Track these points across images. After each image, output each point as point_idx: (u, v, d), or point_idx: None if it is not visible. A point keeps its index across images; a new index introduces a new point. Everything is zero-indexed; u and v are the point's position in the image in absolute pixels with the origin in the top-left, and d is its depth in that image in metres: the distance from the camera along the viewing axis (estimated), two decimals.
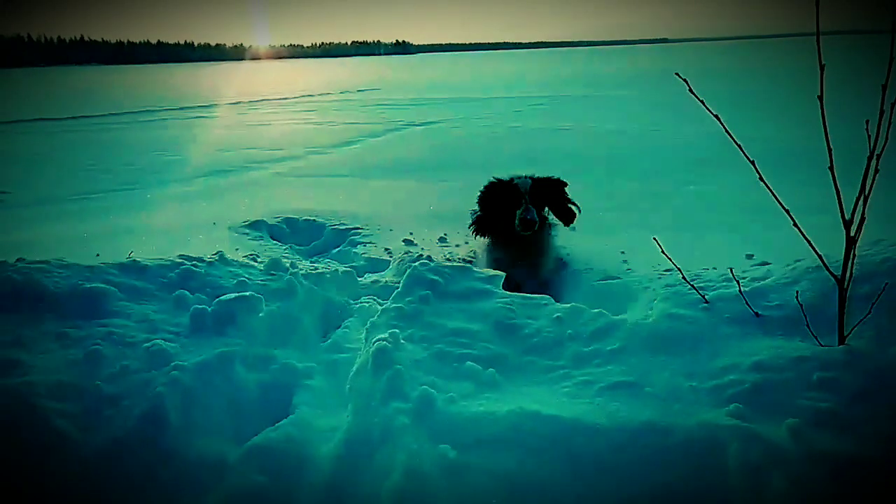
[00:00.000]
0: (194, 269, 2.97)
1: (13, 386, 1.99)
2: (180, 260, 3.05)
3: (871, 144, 1.98)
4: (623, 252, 4.40)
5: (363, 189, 8.26)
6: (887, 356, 1.98)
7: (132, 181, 9.13)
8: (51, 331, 2.37)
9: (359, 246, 5.82)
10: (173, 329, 2.48)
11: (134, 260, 2.95)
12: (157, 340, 2.31)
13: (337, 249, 5.84)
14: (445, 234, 5.73)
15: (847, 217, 2.06)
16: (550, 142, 10.87)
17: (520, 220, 3.83)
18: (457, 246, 5.38)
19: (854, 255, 2.07)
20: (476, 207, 4.27)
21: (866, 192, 2.05)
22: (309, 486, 1.93)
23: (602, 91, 21.51)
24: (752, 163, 2.17)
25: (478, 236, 4.28)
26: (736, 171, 6.43)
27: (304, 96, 25.42)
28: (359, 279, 3.94)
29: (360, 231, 6.28)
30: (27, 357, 2.18)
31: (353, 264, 4.72)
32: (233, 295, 2.63)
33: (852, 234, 2.05)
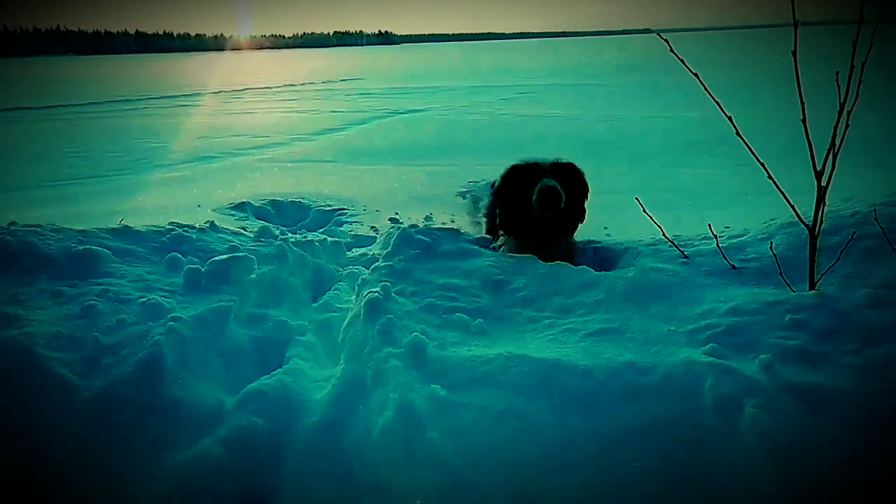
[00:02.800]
0: (185, 234, 3.01)
1: (12, 337, 2.03)
2: (171, 226, 3.09)
3: (842, 97, 2.08)
4: (606, 228, 4.50)
5: (349, 174, 8.29)
6: (853, 299, 2.08)
7: (116, 167, 9.08)
8: (46, 289, 2.41)
9: (345, 225, 5.87)
10: (167, 288, 2.53)
11: (125, 225, 2.98)
12: (153, 296, 2.35)
13: (323, 229, 5.88)
14: (431, 214, 5.80)
15: (818, 168, 2.16)
16: (537, 128, 10.95)
17: (539, 192, 2.81)
18: (443, 224, 5.46)
19: (824, 205, 2.17)
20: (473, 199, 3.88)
21: (837, 144, 2.15)
22: (304, 427, 2.00)
23: (587, 80, 21.63)
24: (730, 118, 2.26)
25: (498, 233, 3.22)
26: (722, 157, 6.58)
27: (286, 86, 25.24)
28: (347, 253, 4.00)
29: (346, 212, 6.32)
30: (24, 312, 2.22)
31: (340, 241, 4.77)
32: (225, 255, 2.68)
33: (823, 183, 2.15)
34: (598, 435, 1.84)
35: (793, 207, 2.22)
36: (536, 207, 2.86)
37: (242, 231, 3.38)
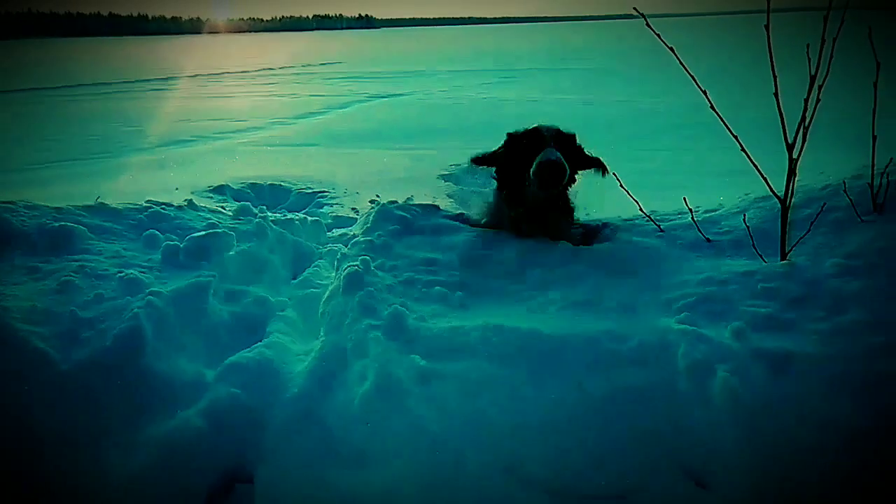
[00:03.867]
0: (163, 212, 2.99)
1: None
2: (148, 204, 3.06)
3: (812, 71, 2.12)
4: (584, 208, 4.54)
5: (330, 157, 8.24)
6: (823, 268, 2.14)
7: (91, 151, 8.93)
8: (21, 265, 2.39)
9: (325, 207, 5.84)
10: (145, 264, 2.52)
11: (102, 203, 2.95)
12: (131, 272, 2.34)
13: (303, 211, 5.86)
14: (412, 196, 5.79)
15: (790, 141, 2.21)
16: (518, 112, 10.96)
17: (538, 165, 2.43)
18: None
19: (795, 177, 2.22)
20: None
21: (808, 118, 2.19)
22: (285, 398, 2.01)
23: (569, 65, 21.63)
24: (705, 93, 2.29)
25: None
26: (700, 139, 6.64)
27: (264, 69, 24.93)
28: (327, 233, 4.00)
29: (326, 194, 6.29)
30: None
31: (320, 220, 4.76)
32: (204, 232, 2.67)
33: (794, 156, 2.20)
34: (576, 401, 1.88)
35: (765, 179, 2.27)
36: (534, 183, 2.47)
37: (221, 210, 3.36)
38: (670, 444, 1.83)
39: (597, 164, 2.75)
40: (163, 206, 3.06)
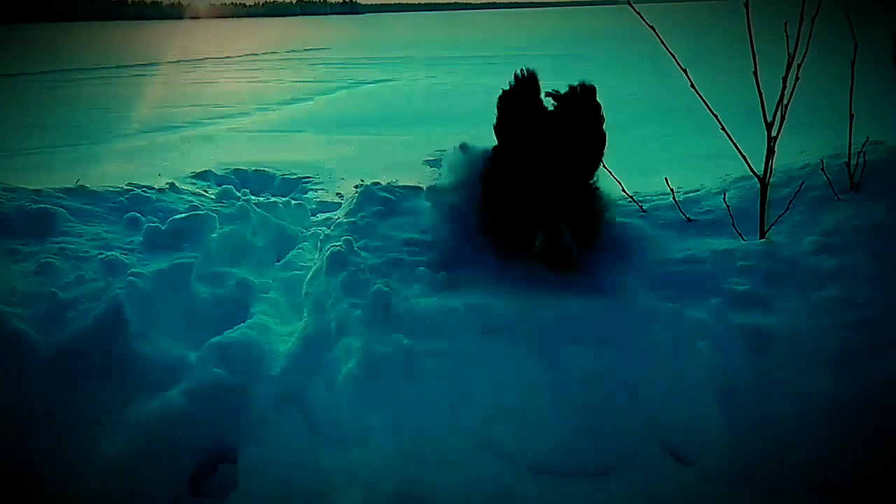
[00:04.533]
0: (144, 194, 2.97)
1: None
2: (129, 187, 3.03)
3: (792, 50, 2.14)
4: None
5: (315, 143, 8.20)
6: (801, 246, 2.17)
7: (72, 138, 8.80)
8: None
9: (310, 192, 5.83)
10: (127, 246, 2.50)
11: (82, 186, 2.92)
12: (112, 253, 2.32)
13: (288, 196, 5.84)
14: (397, 180, 5.78)
15: (769, 120, 2.23)
16: None
17: (543, 247, 2.02)
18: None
19: (774, 154, 2.25)
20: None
21: (787, 97, 2.22)
22: (268, 378, 2.02)
23: (555, 51, 21.59)
24: (685, 71, 2.30)
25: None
26: (684, 125, 6.66)
27: (248, 55, 24.64)
28: (311, 217, 3.99)
29: (311, 180, 6.27)
30: None
31: (304, 204, 4.74)
32: (186, 214, 2.65)
33: (774, 134, 2.22)
34: (558, 378, 1.90)
35: (744, 157, 2.29)
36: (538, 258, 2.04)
37: (203, 193, 3.33)
38: (651, 421, 1.86)
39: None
40: (144, 189, 3.03)
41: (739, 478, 1.75)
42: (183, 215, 2.65)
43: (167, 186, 3.16)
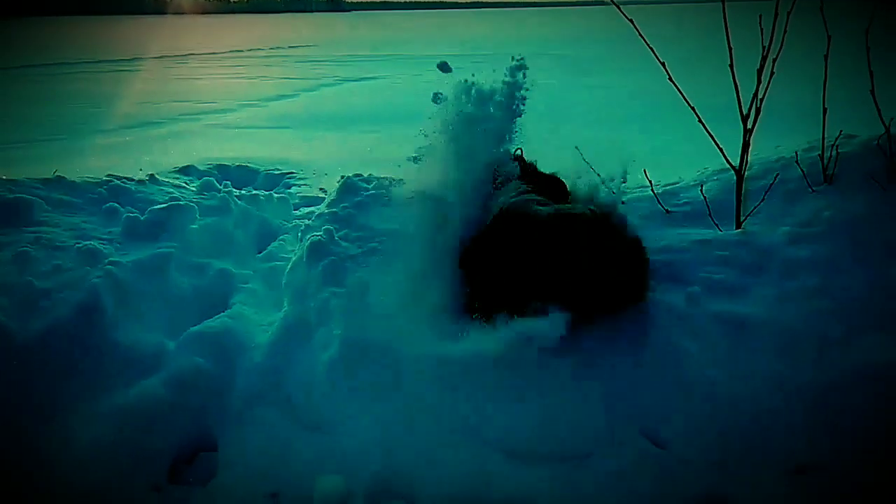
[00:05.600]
0: (124, 185, 2.94)
1: None
2: (108, 178, 3.01)
3: (765, 42, 2.17)
4: None
5: (299, 140, 8.15)
6: (775, 236, 2.21)
7: (52, 132, 8.68)
8: None
9: (294, 188, 5.80)
10: (105, 236, 2.48)
11: (59, 176, 2.89)
12: (90, 243, 2.30)
13: (272, 191, 5.81)
14: (378, 173, 5.77)
15: (745, 112, 2.26)
16: None
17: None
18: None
19: (749, 146, 2.28)
20: None
21: (762, 90, 2.25)
22: (249, 367, 2.02)
23: (540, 49, 21.65)
24: (663, 64, 2.33)
25: None
26: (671, 126, 6.72)
27: (233, 52, 24.44)
28: (294, 212, 3.97)
29: (294, 175, 6.24)
30: None
31: (287, 197, 4.72)
32: (166, 204, 2.64)
33: (749, 126, 2.26)
34: (535, 363, 1.91)
35: (720, 150, 2.33)
36: None
37: (185, 185, 3.31)
38: (629, 406, 1.88)
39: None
40: (123, 181, 3.00)
41: (715, 460, 1.78)
42: (163, 206, 2.63)
43: (147, 178, 3.13)
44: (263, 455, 1.83)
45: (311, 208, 4.49)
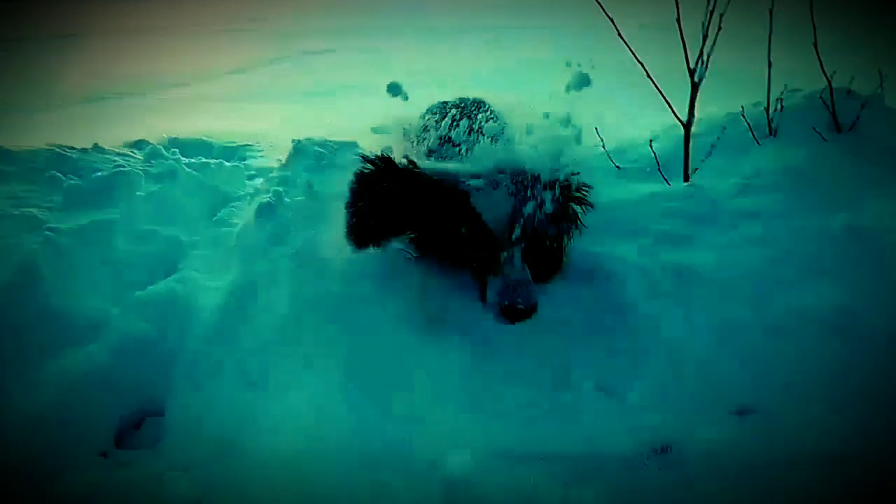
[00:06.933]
0: (65, 154, 2.84)
1: None
2: (49, 146, 2.89)
3: None
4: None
5: (256, 113, 7.96)
6: (722, 188, 2.25)
7: None
8: None
9: (250, 159, 5.69)
10: (46, 204, 2.39)
11: None
12: (28, 210, 2.22)
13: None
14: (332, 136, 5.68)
15: (692, 66, 2.28)
16: (438, 66, 10.80)
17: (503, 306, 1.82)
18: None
19: (696, 99, 2.30)
20: None
21: (709, 45, 2.27)
22: (197, 332, 1.98)
23: (484, 22, 21.46)
24: (612, 20, 2.32)
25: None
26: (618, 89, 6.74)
27: (189, 24, 23.67)
28: (248, 181, 3.89)
29: (252, 147, 6.11)
30: None
31: (240, 165, 4.61)
32: (109, 171, 2.55)
33: (696, 80, 2.27)
34: (488, 328, 1.93)
35: (668, 103, 2.34)
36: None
37: (131, 153, 3.21)
38: (585, 356, 1.90)
39: None
40: (65, 150, 2.90)
41: (662, 406, 1.82)
42: (106, 173, 2.54)
43: (91, 147, 3.03)
44: (211, 416, 1.80)
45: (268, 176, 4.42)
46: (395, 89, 2.19)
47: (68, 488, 1.63)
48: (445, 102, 2.31)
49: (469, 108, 2.15)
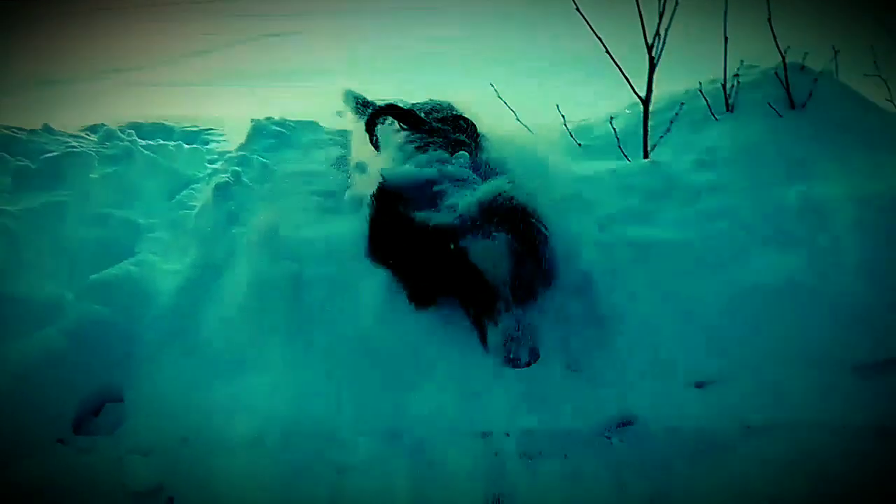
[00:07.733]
0: (14, 135, 2.74)
1: None
2: None
3: None
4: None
5: (219, 96, 7.79)
6: (680, 164, 2.28)
7: None
8: None
9: (212, 143, 5.57)
10: None
11: None
12: None
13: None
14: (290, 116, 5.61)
15: (650, 42, 2.29)
16: (411, 54, 10.71)
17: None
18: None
19: (653, 74, 2.33)
20: None
21: (667, 22, 2.28)
22: (155, 314, 1.94)
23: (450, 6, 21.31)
24: (582, 14, 2.31)
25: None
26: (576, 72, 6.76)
27: (147, 5, 23.00)
28: (209, 165, 3.81)
29: (213, 131, 5.98)
30: None
31: (200, 147, 4.51)
32: (61, 152, 2.47)
33: (654, 55, 2.29)
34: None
35: (627, 79, 2.36)
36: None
37: (84, 136, 3.12)
38: (547, 333, 1.91)
39: None
40: (13, 130, 2.79)
41: (621, 378, 1.84)
42: (57, 154, 2.46)
43: (41, 128, 2.93)
44: (172, 400, 1.78)
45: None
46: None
47: (24, 475, 1.60)
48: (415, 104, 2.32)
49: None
